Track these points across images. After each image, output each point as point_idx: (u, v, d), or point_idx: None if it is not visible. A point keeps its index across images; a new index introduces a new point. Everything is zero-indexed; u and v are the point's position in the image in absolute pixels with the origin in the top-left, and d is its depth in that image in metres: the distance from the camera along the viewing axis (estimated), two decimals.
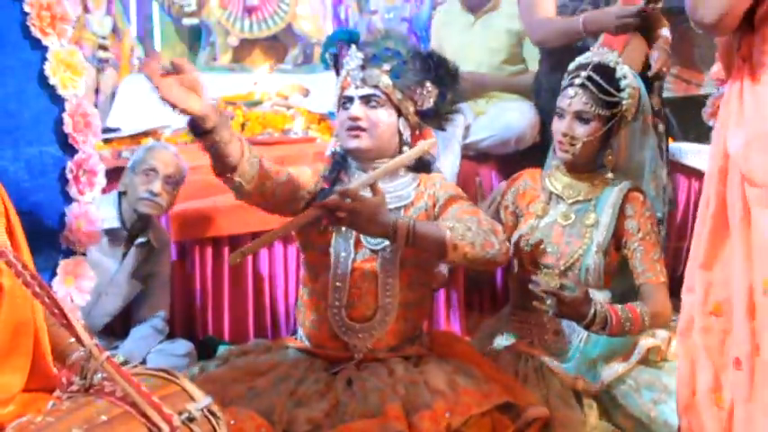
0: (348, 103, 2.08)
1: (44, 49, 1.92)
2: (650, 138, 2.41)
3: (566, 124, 2.24)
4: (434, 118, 2.14)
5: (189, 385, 1.34)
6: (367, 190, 1.89)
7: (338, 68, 2.16)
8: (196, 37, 5.09)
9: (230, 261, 1.84)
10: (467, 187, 2.99)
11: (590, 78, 2.22)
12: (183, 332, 2.86)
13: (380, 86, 2.05)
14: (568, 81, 2.27)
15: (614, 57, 2.27)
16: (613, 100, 2.22)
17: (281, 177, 2.00)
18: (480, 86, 3.26)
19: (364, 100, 2.06)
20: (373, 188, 1.88)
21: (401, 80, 2.06)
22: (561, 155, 2.28)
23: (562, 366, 2.19)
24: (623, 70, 2.25)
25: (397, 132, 2.09)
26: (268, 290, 2.97)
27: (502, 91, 3.31)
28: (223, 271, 2.91)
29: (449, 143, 3.04)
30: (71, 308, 1.97)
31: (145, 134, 3.44)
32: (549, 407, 2.01)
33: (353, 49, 2.09)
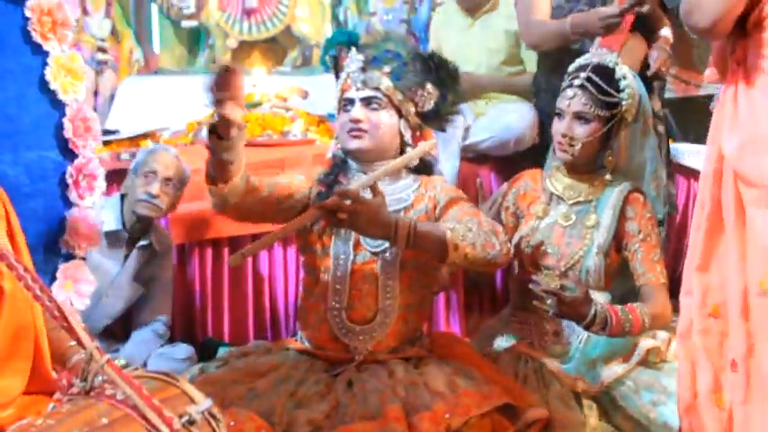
0: (349, 106, 2.08)
1: (45, 54, 1.93)
2: (651, 139, 2.41)
3: (565, 125, 2.24)
4: (435, 119, 2.14)
5: (189, 388, 1.34)
6: (367, 191, 1.89)
7: (338, 71, 2.16)
8: (195, 39, 5.10)
9: (230, 263, 1.84)
10: (466, 188, 2.99)
11: (589, 79, 2.22)
12: (183, 334, 2.86)
13: (381, 88, 2.05)
14: (568, 82, 2.27)
15: (614, 58, 2.27)
16: (613, 101, 2.22)
17: (263, 193, 2.00)
18: (478, 87, 3.25)
19: (365, 102, 2.06)
20: (373, 189, 1.88)
21: (402, 82, 2.06)
22: (561, 155, 2.28)
23: (562, 367, 2.19)
24: (623, 71, 2.25)
25: (398, 134, 2.09)
26: (268, 291, 2.97)
27: (500, 92, 3.31)
28: (223, 273, 2.91)
29: (448, 144, 3.04)
30: (71, 311, 1.97)
31: (144, 136, 3.44)
32: (549, 408, 2.01)
33: (354, 52, 2.09)
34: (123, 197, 2.67)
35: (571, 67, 2.32)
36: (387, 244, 2.01)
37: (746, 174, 1.58)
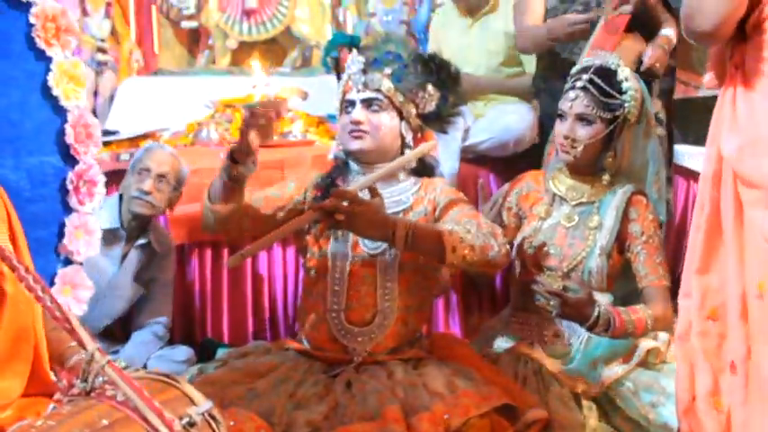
0: (350, 107, 2.09)
1: (48, 60, 1.94)
2: (653, 141, 2.42)
3: (567, 126, 2.24)
4: (436, 121, 2.15)
5: (190, 389, 1.34)
6: (365, 193, 1.89)
7: (340, 72, 2.17)
8: (195, 40, 5.10)
9: (228, 264, 1.86)
10: (466, 189, 3.00)
11: (591, 81, 2.23)
12: (183, 335, 2.85)
13: (382, 90, 2.06)
14: (570, 84, 2.28)
15: (616, 60, 2.28)
16: (615, 102, 2.23)
17: (252, 211, 2.06)
18: (477, 88, 3.25)
19: (366, 104, 2.07)
20: (372, 191, 1.88)
21: (403, 83, 2.07)
22: (563, 157, 2.28)
23: (562, 368, 2.19)
24: (625, 73, 2.25)
25: (399, 135, 2.10)
26: (267, 292, 2.97)
27: (498, 93, 3.31)
28: (222, 274, 2.91)
29: (448, 146, 3.04)
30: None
31: (143, 137, 3.44)
32: (549, 409, 2.01)
33: (355, 53, 2.10)
34: (122, 197, 2.67)
35: (573, 70, 2.33)
36: (385, 245, 2.01)
37: (746, 175, 1.58)
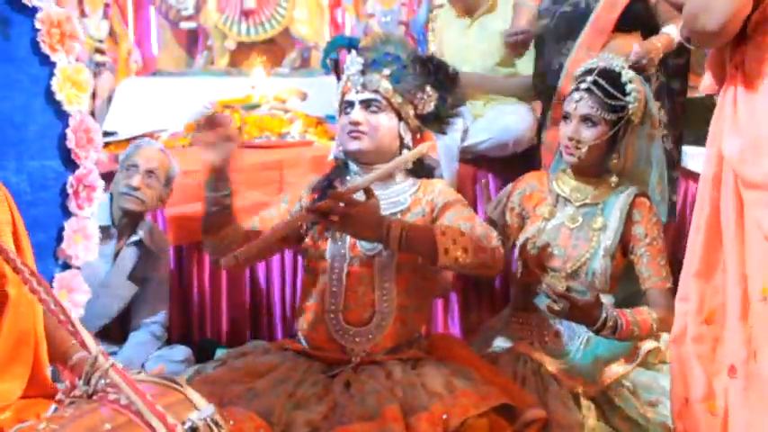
0: (349, 108, 2.09)
1: (52, 65, 1.95)
2: (657, 144, 2.43)
3: (572, 128, 2.25)
4: (435, 122, 2.15)
5: (192, 394, 1.34)
6: (361, 194, 1.89)
7: (339, 74, 2.18)
8: (193, 41, 5.10)
9: (223, 265, 1.86)
10: (465, 189, 3.01)
11: (596, 83, 2.24)
12: (181, 336, 2.85)
13: (380, 91, 2.06)
14: (575, 86, 2.29)
15: (620, 62, 2.30)
16: (619, 104, 2.24)
17: (250, 237, 2.05)
18: (470, 87, 3.24)
19: (365, 104, 2.07)
20: (367, 192, 1.89)
21: (401, 84, 2.07)
22: (567, 158, 2.29)
23: (562, 368, 2.20)
24: (629, 75, 2.26)
25: (398, 136, 2.10)
26: (265, 293, 2.97)
27: (494, 92, 3.31)
28: (220, 274, 2.91)
29: (447, 146, 3.04)
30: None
31: (142, 138, 3.44)
32: (548, 409, 2.00)
33: (353, 55, 2.11)
34: (112, 194, 2.66)
35: (577, 72, 2.34)
36: (381, 247, 2.01)
37: (748, 176, 1.57)
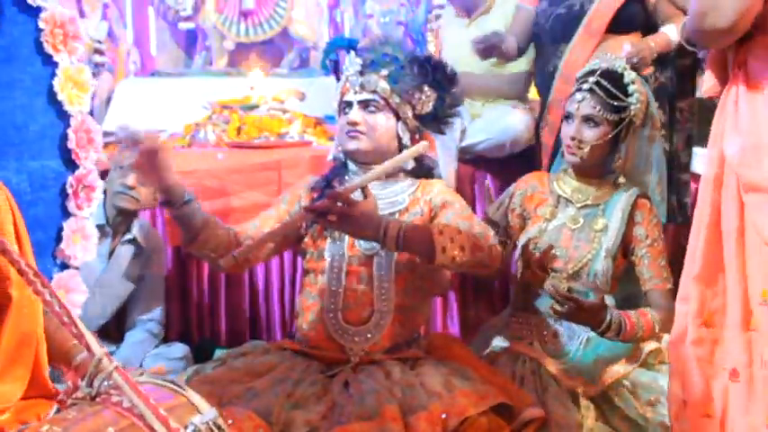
0: (347, 108, 2.11)
1: (54, 65, 1.95)
2: (657, 145, 2.44)
3: (574, 128, 2.26)
4: (433, 122, 2.16)
5: (195, 397, 1.34)
6: (359, 194, 1.89)
7: (339, 74, 2.19)
8: (192, 41, 5.09)
9: (223, 264, 1.86)
10: (463, 190, 3.01)
11: (598, 83, 2.25)
12: (180, 336, 2.86)
13: (378, 91, 2.07)
14: (577, 86, 2.30)
15: (622, 63, 2.31)
16: (621, 105, 2.25)
17: (255, 239, 2.03)
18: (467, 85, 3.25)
19: (363, 105, 2.08)
20: (365, 192, 1.89)
21: (399, 85, 2.08)
22: (569, 158, 2.30)
23: (562, 368, 2.20)
24: (631, 76, 2.28)
25: (396, 136, 2.11)
26: (264, 294, 2.98)
27: (485, 92, 3.32)
28: (219, 274, 2.91)
29: (445, 146, 3.05)
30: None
31: None
32: (546, 408, 2.01)
33: (352, 56, 2.12)
34: (106, 193, 2.66)
35: (579, 73, 2.36)
36: (379, 246, 2.02)
37: (748, 178, 1.55)
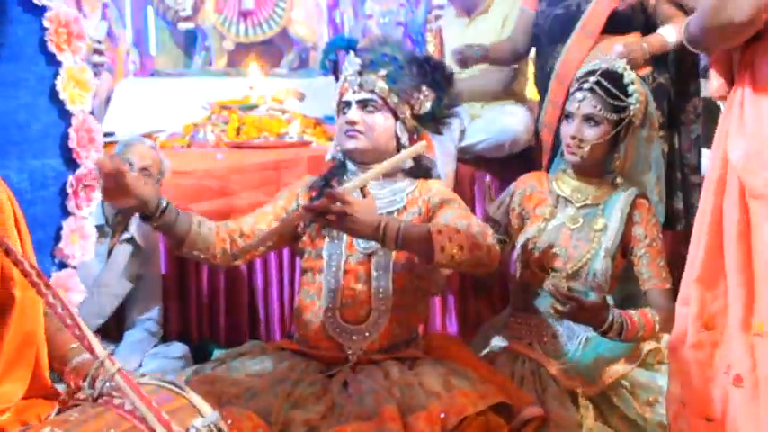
0: (346, 108, 2.11)
1: (58, 65, 1.95)
2: (656, 146, 2.44)
3: (574, 127, 2.27)
4: (431, 122, 2.17)
5: (196, 399, 1.34)
6: (357, 193, 1.90)
7: (337, 74, 2.19)
8: (191, 41, 5.10)
9: (217, 262, 1.86)
10: (462, 190, 3.01)
11: (599, 83, 2.26)
12: (179, 335, 2.85)
13: (377, 91, 2.08)
14: (577, 86, 2.31)
15: (622, 64, 2.32)
16: (621, 104, 2.25)
17: (252, 238, 2.05)
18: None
19: (361, 104, 2.09)
20: (363, 191, 1.89)
21: (397, 85, 2.09)
22: (569, 158, 2.30)
23: (561, 368, 2.20)
24: (631, 76, 2.29)
25: (395, 136, 2.11)
26: (263, 293, 2.98)
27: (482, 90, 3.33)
28: (219, 274, 2.91)
29: (445, 147, 3.05)
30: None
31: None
32: (546, 408, 2.01)
33: (351, 56, 2.13)
34: None
35: (579, 72, 2.37)
36: (377, 245, 2.02)
37: (751, 184, 1.54)
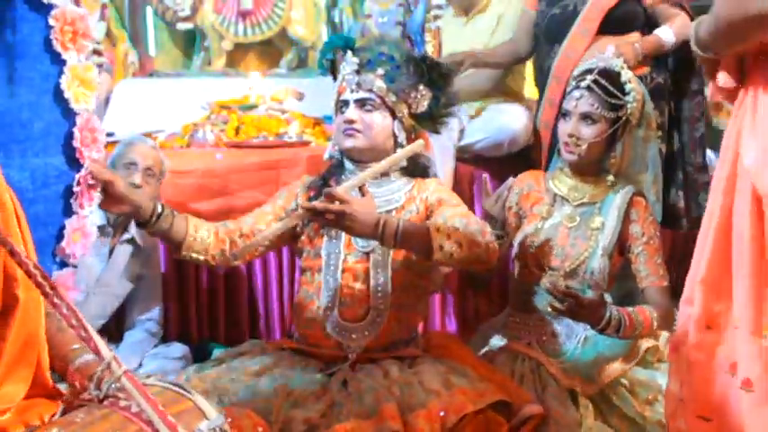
0: (344, 107, 2.12)
1: (62, 63, 1.94)
2: (653, 145, 2.44)
3: (572, 125, 2.27)
4: (429, 121, 2.17)
5: (202, 402, 1.33)
6: (356, 192, 1.90)
7: (335, 74, 2.20)
8: (190, 41, 5.10)
9: (217, 263, 1.87)
10: (462, 189, 3.01)
11: (596, 82, 2.26)
12: (179, 335, 2.85)
13: (375, 90, 2.08)
14: (574, 84, 2.31)
15: (619, 62, 2.32)
16: (619, 103, 2.26)
17: (250, 237, 2.06)
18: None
19: (359, 103, 2.09)
20: (361, 190, 1.90)
21: (395, 84, 2.09)
22: (567, 156, 2.30)
23: (560, 367, 2.20)
24: (628, 75, 2.29)
25: (392, 135, 2.12)
26: (263, 293, 2.98)
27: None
28: (218, 275, 2.92)
29: (444, 146, 3.05)
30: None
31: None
32: (545, 407, 2.01)
33: (349, 55, 2.13)
34: None
35: (576, 71, 2.37)
36: (376, 243, 2.02)
37: (761, 186, 1.49)
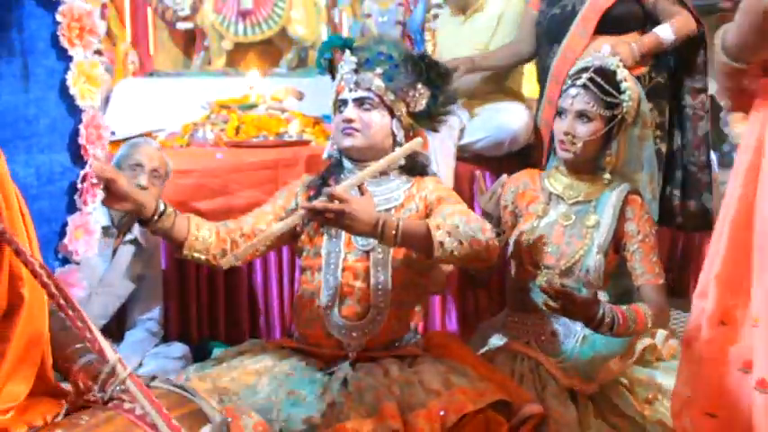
0: (343, 106, 2.12)
1: (69, 59, 1.94)
2: (649, 144, 2.44)
3: (567, 123, 2.27)
4: (427, 119, 2.17)
5: (206, 405, 1.34)
6: (355, 191, 1.90)
7: (333, 73, 2.20)
8: (190, 41, 5.10)
9: (224, 265, 1.87)
10: (462, 188, 3.01)
11: (592, 80, 2.27)
12: (179, 334, 2.86)
13: (373, 89, 2.09)
14: (570, 83, 2.31)
15: (615, 61, 2.33)
16: (614, 101, 2.26)
17: (245, 233, 2.09)
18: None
19: (358, 102, 2.09)
20: (360, 189, 1.90)
21: (393, 83, 2.09)
22: (563, 154, 2.30)
23: (559, 366, 2.20)
24: (623, 74, 2.30)
25: (391, 134, 2.12)
26: (263, 293, 2.98)
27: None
28: (219, 274, 2.92)
29: (444, 145, 3.06)
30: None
31: (139, 138, 3.44)
32: (545, 406, 2.01)
33: (347, 54, 2.13)
34: None
35: (572, 70, 2.37)
36: (376, 242, 2.02)
37: None
